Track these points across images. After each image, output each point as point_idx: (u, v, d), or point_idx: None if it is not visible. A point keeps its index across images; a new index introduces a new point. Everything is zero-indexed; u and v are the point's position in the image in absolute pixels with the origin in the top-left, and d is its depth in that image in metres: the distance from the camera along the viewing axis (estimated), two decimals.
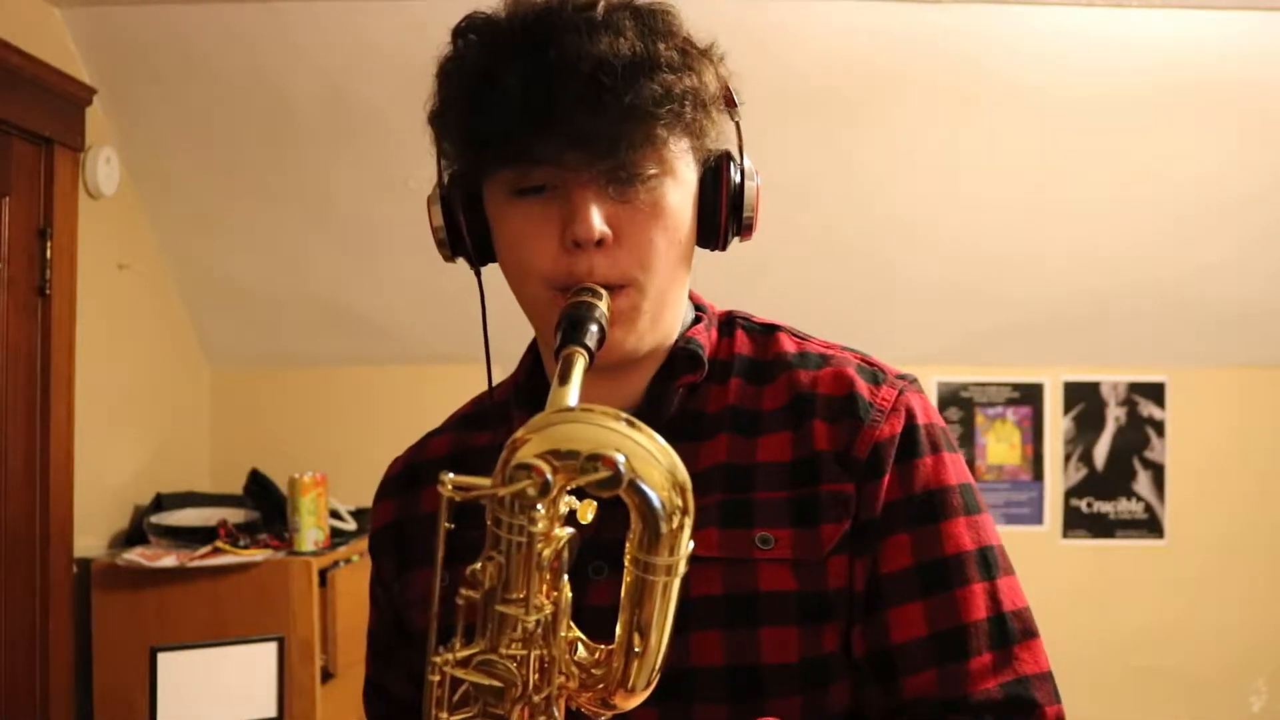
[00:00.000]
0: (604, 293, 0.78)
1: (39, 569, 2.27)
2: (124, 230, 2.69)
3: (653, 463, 0.65)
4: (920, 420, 0.86)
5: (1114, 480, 3.22)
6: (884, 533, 0.83)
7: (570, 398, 0.69)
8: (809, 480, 0.83)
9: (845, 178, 2.75)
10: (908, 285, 2.97)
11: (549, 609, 0.69)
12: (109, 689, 2.37)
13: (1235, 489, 3.20)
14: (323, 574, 2.41)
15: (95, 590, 2.38)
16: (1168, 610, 3.18)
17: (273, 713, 1.83)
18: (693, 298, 0.93)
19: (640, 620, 0.69)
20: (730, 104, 0.85)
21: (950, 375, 3.22)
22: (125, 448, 2.71)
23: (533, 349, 0.95)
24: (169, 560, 2.34)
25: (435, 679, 0.69)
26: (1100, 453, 3.23)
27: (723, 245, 0.88)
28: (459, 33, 0.83)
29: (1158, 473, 3.22)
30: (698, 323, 0.92)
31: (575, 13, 0.78)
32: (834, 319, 2.88)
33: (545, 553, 0.68)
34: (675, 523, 0.66)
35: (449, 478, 0.66)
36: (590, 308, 0.76)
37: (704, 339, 0.90)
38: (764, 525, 0.82)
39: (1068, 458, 3.23)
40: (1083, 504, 3.22)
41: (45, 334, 2.31)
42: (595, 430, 0.64)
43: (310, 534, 2.43)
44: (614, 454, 0.63)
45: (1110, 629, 3.16)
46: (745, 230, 0.87)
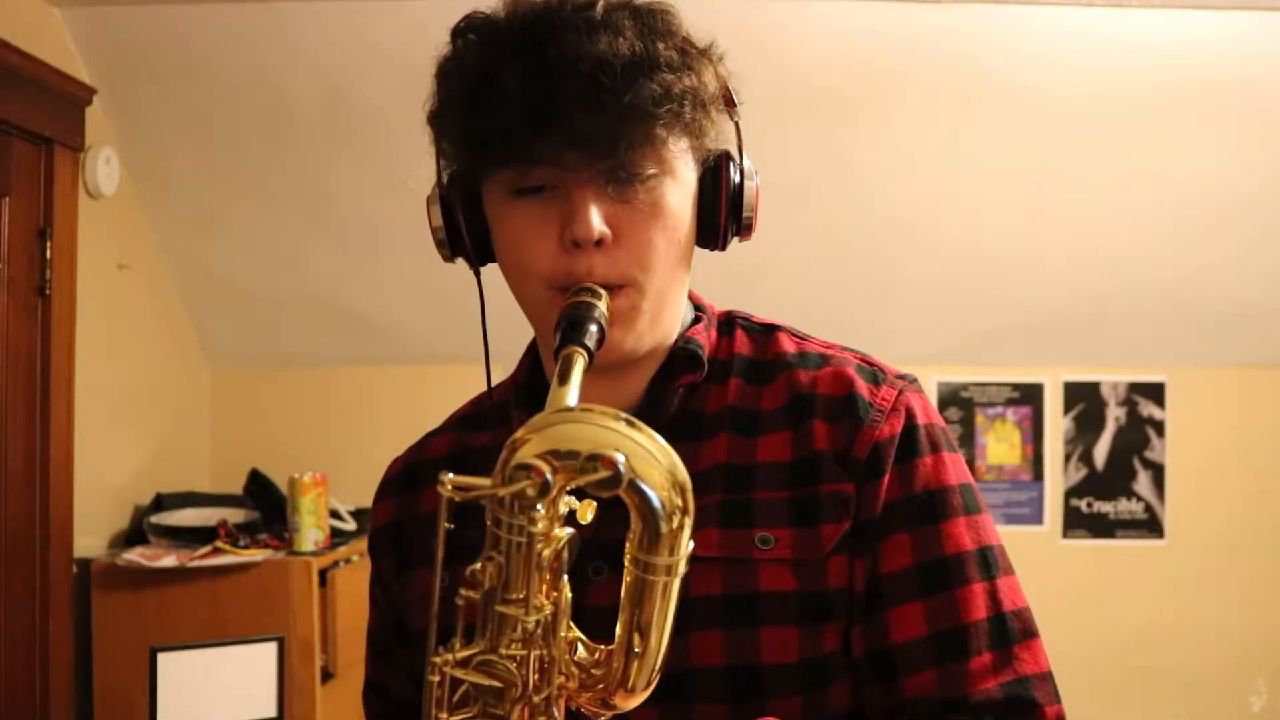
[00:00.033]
0: (603, 293, 0.78)
1: (39, 569, 2.27)
2: (124, 230, 2.69)
3: (653, 463, 0.65)
4: (920, 420, 0.86)
5: (1114, 480, 3.22)
6: (884, 533, 0.83)
7: (570, 398, 0.69)
8: (809, 480, 0.83)
9: (845, 178, 2.75)
10: (908, 285, 2.97)
11: (549, 609, 0.69)
12: (109, 689, 2.37)
13: (1235, 489, 3.20)
14: (323, 574, 2.41)
15: (95, 590, 2.38)
16: (1168, 610, 3.18)
17: (273, 713, 1.83)
18: (692, 298, 0.93)
19: (640, 620, 0.69)
20: (730, 104, 0.85)
21: (950, 375, 3.22)
22: (125, 448, 2.71)
23: (532, 349, 0.95)
24: (169, 560, 2.34)
25: (435, 679, 0.69)
26: (1100, 453, 3.23)
27: (722, 245, 0.88)
28: (458, 33, 0.83)
29: (1158, 473, 3.22)
30: (697, 323, 0.92)
31: (574, 12, 0.78)
32: (834, 319, 2.88)
33: (545, 553, 0.68)
34: (675, 523, 0.66)
35: (449, 478, 0.66)
36: (590, 308, 0.76)
37: (703, 339, 0.90)
38: (764, 525, 0.82)
39: (1068, 458, 3.23)
40: (1083, 504, 3.22)
41: (45, 334, 2.31)
42: (595, 430, 0.64)
43: (310, 534, 2.43)
44: (614, 454, 0.63)
45: (1110, 629, 3.16)
46: (745, 230, 0.87)
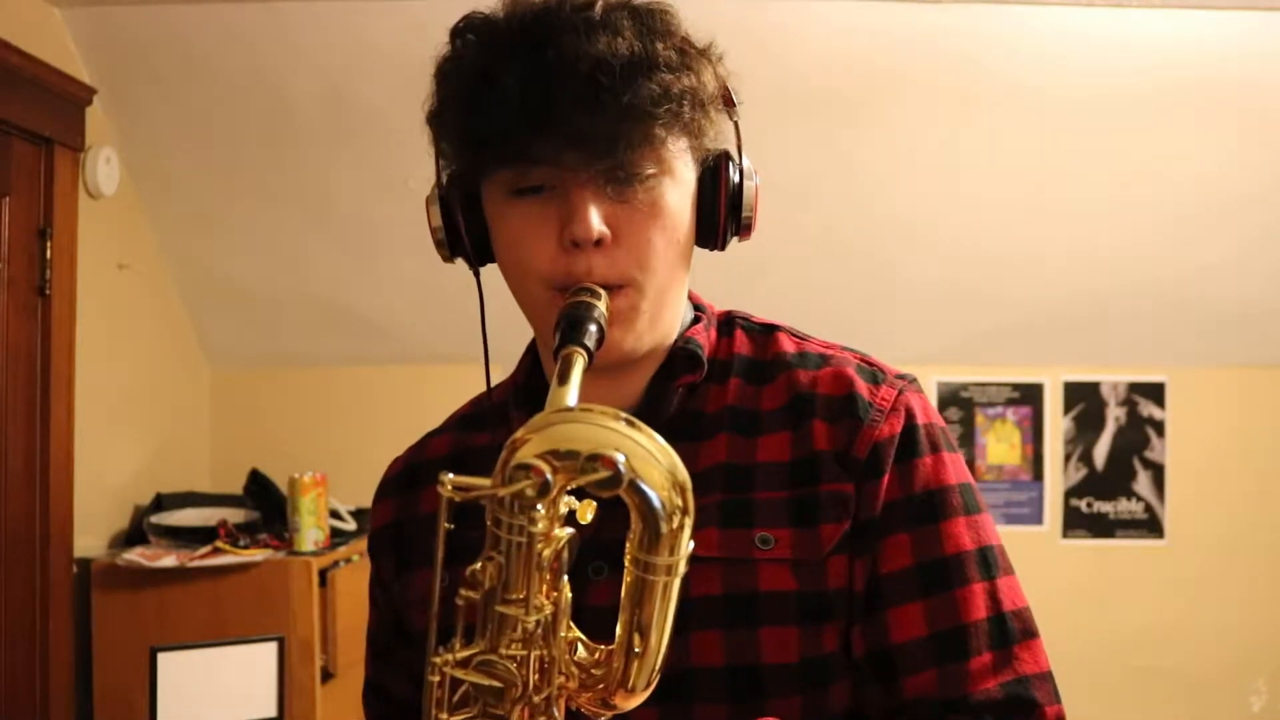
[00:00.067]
0: (603, 293, 0.78)
1: (39, 569, 2.27)
2: (124, 230, 2.69)
3: (653, 462, 0.65)
4: (920, 420, 0.86)
5: (1114, 480, 3.22)
6: (884, 532, 0.83)
7: (569, 398, 0.69)
8: (809, 480, 0.83)
9: (845, 178, 2.75)
10: (908, 285, 2.97)
11: (549, 609, 0.69)
12: (109, 689, 2.37)
13: (1235, 489, 3.20)
14: (323, 574, 2.41)
15: (95, 590, 2.38)
16: (1168, 610, 3.18)
17: (273, 713, 1.83)
18: (692, 298, 0.93)
19: (640, 620, 0.69)
20: (729, 103, 0.85)
21: (950, 375, 3.22)
22: (125, 448, 2.71)
23: (531, 349, 0.95)
24: (169, 560, 2.34)
25: (435, 679, 0.69)
26: (1100, 453, 3.23)
27: (721, 245, 0.88)
28: (457, 33, 0.83)
29: (1158, 473, 3.22)
30: (697, 323, 0.91)
31: (573, 12, 0.78)
32: (834, 319, 2.88)
33: (545, 553, 0.68)
34: (675, 523, 0.66)
35: (448, 478, 0.65)
36: (589, 308, 0.76)
37: (703, 339, 0.90)
38: (764, 525, 0.82)
39: (1068, 458, 3.23)
40: (1083, 504, 3.22)
41: (45, 334, 2.31)
42: (595, 430, 0.64)
43: (310, 534, 2.43)
44: (614, 454, 0.63)
45: (1110, 629, 3.16)
46: (744, 230, 0.87)
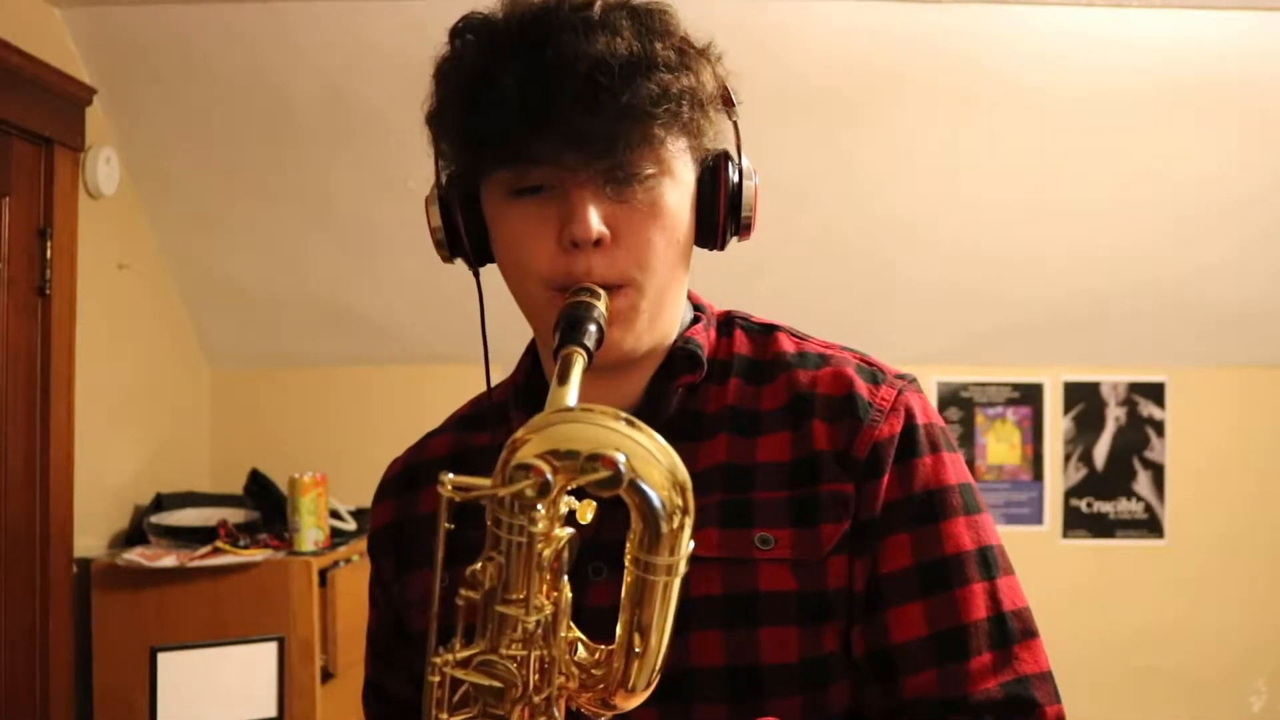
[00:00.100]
0: (602, 293, 0.78)
1: (39, 569, 2.27)
2: (124, 230, 2.69)
3: (653, 462, 0.65)
4: (919, 420, 0.86)
5: (1114, 480, 3.22)
6: (884, 532, 0.83)
7: (569, 398, 0.69)
8: (808, 480, 0.83)
9: (845, 178, 2.75)
10: (908, 285, 2.97)
11: (549, 609, 0.69)
12: (109, 689, 2.37)
13: (1235, 489, 3.20)
14: (323, 574, 2.41)
15: (95, 590, 2.38)
16: (1168, 610, 3.18)
17: (273, 713, 1.83)
18: (691, 298, 0.93)
19: (640, 620, 0.69)
20: (728, 103, 0.85)
21: (950, 375, 3.22)
22: (125, 448, 2.71)
23: (531, 350, 0.95)
24: (169, 560, 2.34)
25: (435, 679, 0.69)
26: (1100, 453, 3.23)
27: (721, 245, 0.88)
28: (456, 33, 0.83)
29: (1158, 473, 3.22)
30: (696, 323, 0.91)
31: (572, 12, 0.78)
32: (834, 319, 2.88)
33: (545, 553, 0.68)
34: (676, 522, 0.66)
35: (449, 478, 0.65)
36: (589, 308, 0.76)
37: (703, 339, 0.90)
38: (763, 525, 0.82)
39: (1068, 458, 3.23)
40: (1083, 504, 3.22)
41: (45, 334, 2.31)
42: (595, 430, 0.64)
43: (310, 534, 2.43)
44: (614, 454, 0.63)
45: (1110, 629, 3.16)
46: (744, 230, 0.87)
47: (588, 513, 0.73)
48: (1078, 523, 3.21)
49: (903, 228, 2.86)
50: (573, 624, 0.72)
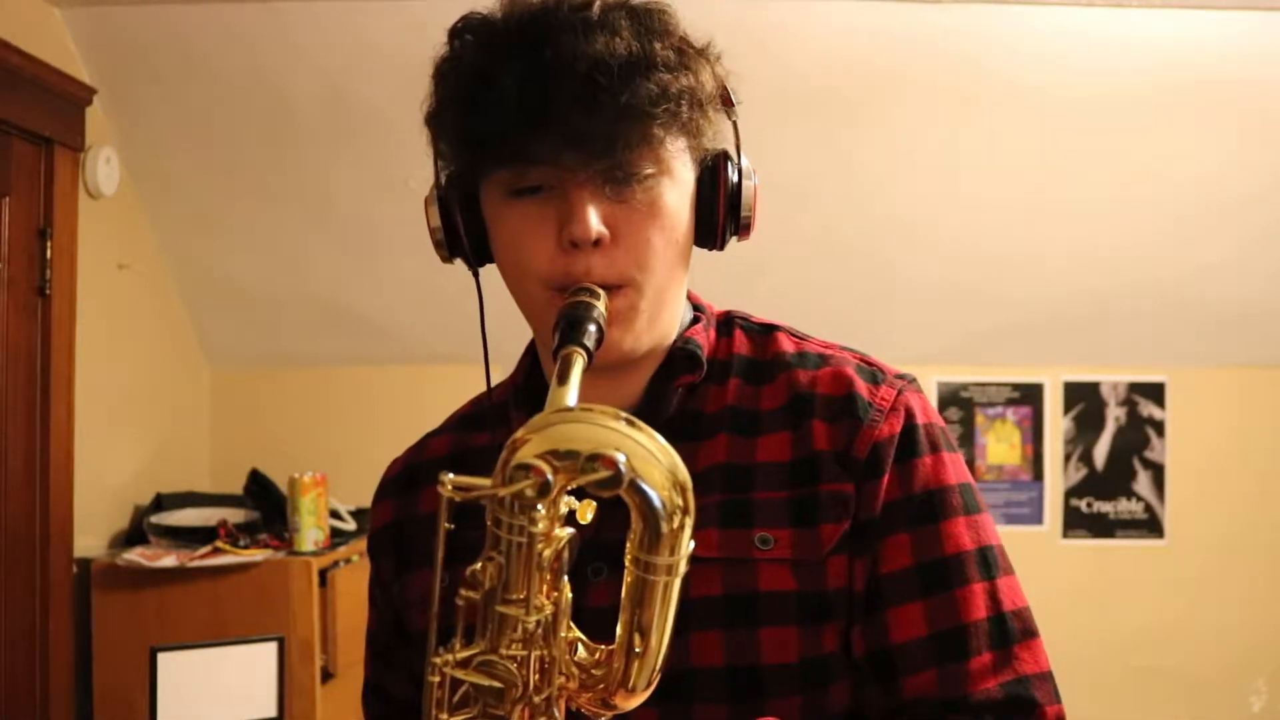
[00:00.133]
0: (602, 293, 0.78)
1: (39, 569, 2.27)
2: (124, 230, 2.69)
3: (653, 462, 0.64)
4: (919, 420, 0.86)
5: (1114, 480, 3.22)
6: (884, 532, 0.83)
7: (569, 398, 0.69)
8: (808, 480, 0.83)
9: (845, 178, 2.75)
10: (908, 285, 2.97)
11: (549, 609, 0.69)
12: (109, 689, 2.37)
13: (1235, 489, 3.20)
14: (323, 574, 2.41)
15: (95, 590, 2.38)
16: (1168, 610, 3.18)
17: (273, 713, 1.83)
18: (691, 298, 0.93)
19: (641, 620, 0.69)
20: (727, 103, 0.85)
21: (950, 375, 3.22)
22: (125, 448, 2.71)
23: (530, 350, 0.95)
24: (169, 560, 2.34)
25: (435, 680, 0.69)
26: (1100, 453, 3.22)
27: (720, 245, 0.88)
28: (455, 33, 0.83)
29: (1158, 473, 3.22)
30: (696, 323, 0.91)
31: (571, 12, 0.78)
32: (834, 319, 2.88)
33: (545, 553, 0.67)
34: (676, 522, 0.66)
35: (449, 478, 0.65)
36: (588, 308, 0.76)
37: (702, 339, 0.90)
38: (763, 525, 0.82)
39: (1068, 458, 3.23)
40: (1083, 504, 3.22)
41: (45, 334, 2.31)
42: (595, 430, 0.64)
43: (310, 534, 2.43)
44: (614, 454, 0.63)
45: (1110, 629, 3.16)
46: (743, 230, 0.87)
47: (588, 513, 0.73)
48: (1078, 523, 3.21)
49: (903, 228, 2.86)
50: (573, 624, 0.72)
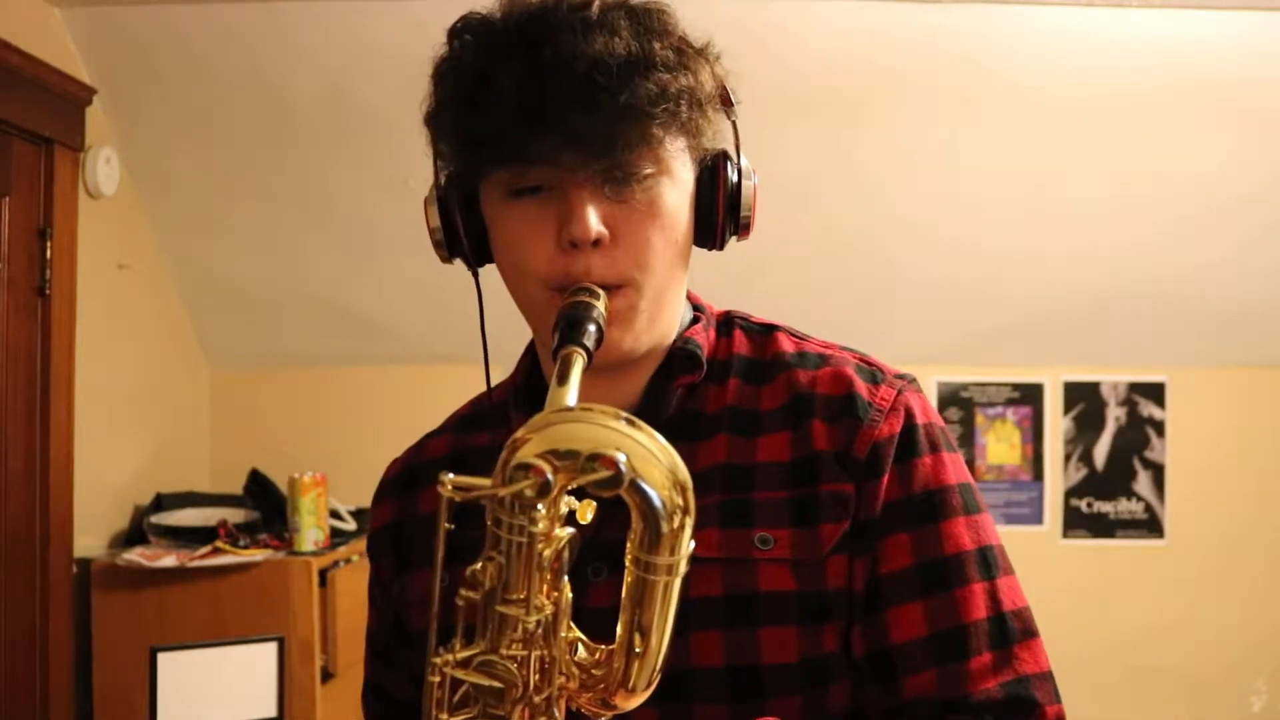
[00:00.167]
0: (601, 293, 0.78)
1: (39, 569, 2.27)
2: (124, 230, 2.69)
3: (653, 462, 0.64)
4: (919, 420, 0.86)
5: (1114, 480, 3.22)
6: (884, 532, 0.83)
7: (569, 397, 0.69)
8: (808, 480, 0.83)
9: (845, 178, 2.75)
10: (908, 285, 2.97)
11: (549, 609, 0.69)
12: (109, 689, 2.37)
13: (1235, 489, 3.20)
14: (323, 574, 2.41)
15: (95, 590, 2.38)
16: (1168, 610, 3.18)
17: (273, 713, 1.83)
18: (691, 298, 0.93)
19: (641, 620, 0.69)
20: (726, 103, 0.85)
21: (950, 375, 3.22)
22: (125, 448, 2.71)
23: (530, 350, 0.95)
24: (169, 560, 2.34)
25: (435, 680, 0.69)
26: (1100, 453, 3.22)
27: (720, 245, 0.88)
28: (454, 33, 0.83)
29: (1158, 473, 3.22)
30: (696, 323, 0.91)
31: (570, 12, 0.78)
32: (834, 319, 2.88)
33: (546, 553, 0.67)
34: (676, 522, 0.66)
35: (449, 478, 0.65)
36: (588, 308, 0.76)
37: (702, 339, 0.90)
38: (763, 525, 0.82)
39: (1068, 458, 3.23)
40: (1083, 504, 3.22)
41: (45, 334, 2.31)
42: (595, 430, 0.64)
43: (310, 534, 2.43)
44: (614, 453, 0.63)
45: (1110, 629, 3.16)
46: (743, 229, 0.87)
47: (588, 513, 0.73)
48: (1078, 523, 3.21)
49: (903, 228, 2.86)
50: (573, 624, 0.71)
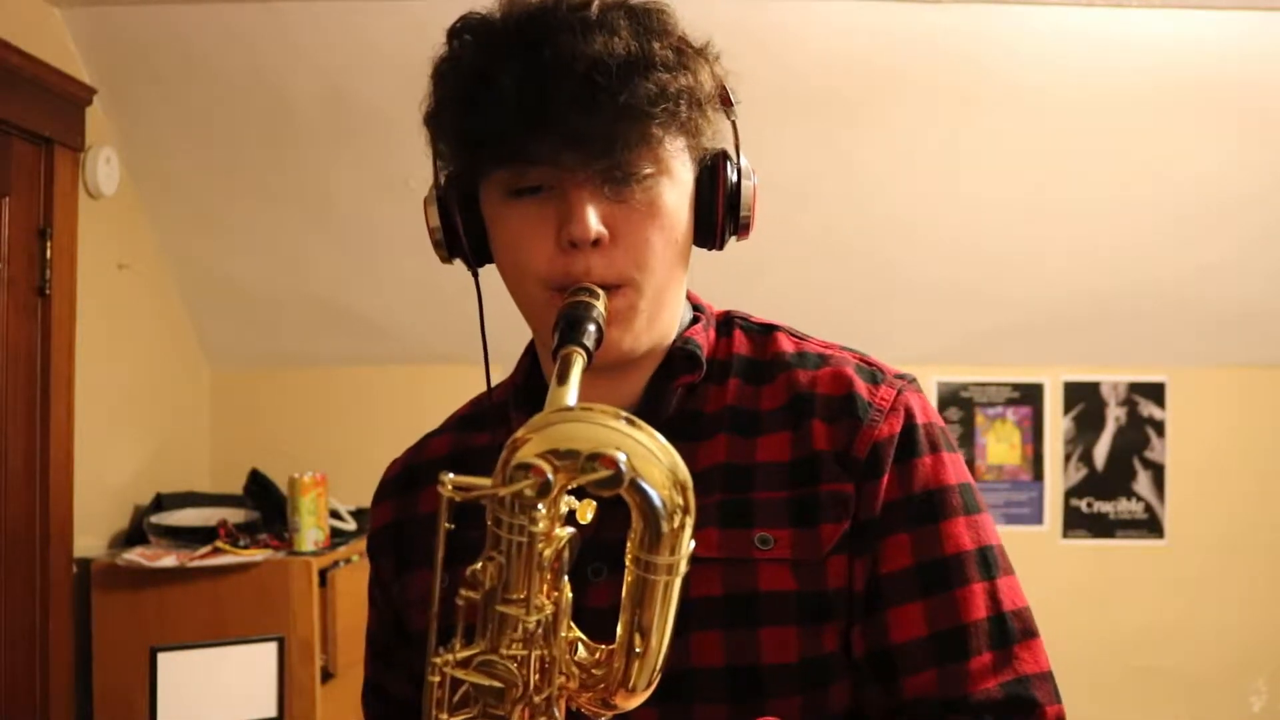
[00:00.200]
0: (601, 293, 0.78)
1: (39, 569, 2.27)
2: (124, 230, 2.69)
3: (653, 461, 0.64)
4: (919, 420, 0.86)
5: (1114, 480, 3.22)
6: (883, 532, 0.83)
7: (569, 397, 0.69)
8: (808, 480, 0.83)
9: (845, 178, 2.75)
10: (908, 285, 2.97)
11: (549, 609, 0.69)
12: (109, 689, 2.37)
13: (1235, 489, 3.20)
14: (323, 574, 2.41)
15: (95, 590, 2.38)
16: (1168, 610, 3.17)
17: (273, 713, 1.83)
18: (690, 298, 0.93)
19: (641, 620, 0.69)
20: (726, 103, 0.85)
21: (950, 375, 3.22)
22: (125, 448, 2.71)
23: (530, 350, 0.95)
24: (169, 560, 2.34)
25: (435, 679, 0.69)
26: (1100, 453, 3.22)
27: (720, 244, 0.88)
28: (454, 33, 0.83)
29: (1158, 473, 3.22)
30: (695, 323, 0.91)
31: (570, 12, 0.78)
32: (834, 319, 2.88)
33: (546, 553, 0.67)
34: (676, 522, 0.66)
35: (449, 478, 0.65)
36: (588, 307, 0.76)
37: (702, 339, 0.90)
38: (763, 525, 0.82)
39: (1068, 458, 3.22)
40: (1083, 504, 3.22)
41: (45, 334, 2.31)
42: (595, 429, 0.64)
43: (310, 534, 2.43)
44: (615, 453, 0.63)
45: (1110, 629, 3.16)
46: (742, 229, 0.87)
47: (588, 512, 0.73)
48: (1078, 523, 3.21)
49: (903, 228, 2.86)
50: (573, 624, 0.71)
